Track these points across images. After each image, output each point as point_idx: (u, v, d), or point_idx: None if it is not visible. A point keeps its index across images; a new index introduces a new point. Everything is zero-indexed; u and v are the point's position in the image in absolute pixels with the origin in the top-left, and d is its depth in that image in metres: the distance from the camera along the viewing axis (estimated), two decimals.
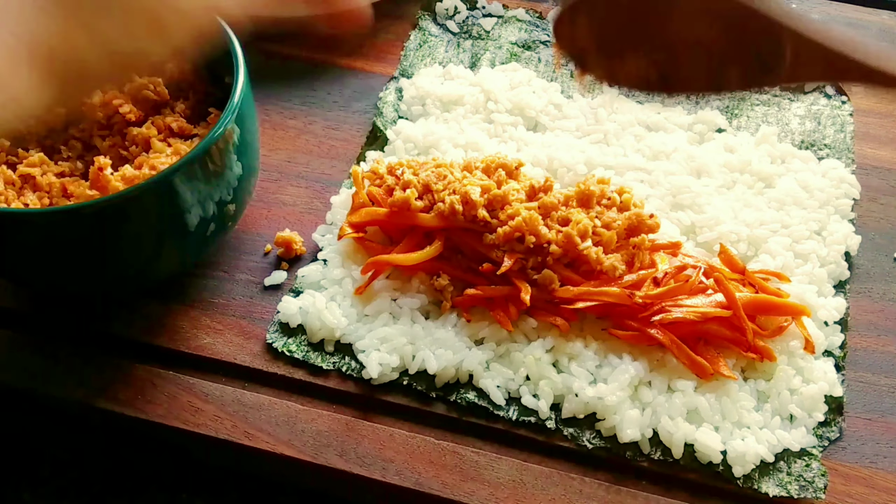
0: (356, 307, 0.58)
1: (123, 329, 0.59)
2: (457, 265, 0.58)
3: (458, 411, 0.55)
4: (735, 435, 0.53)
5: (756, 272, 0.58)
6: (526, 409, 0.54)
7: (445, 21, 0.80)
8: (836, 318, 0.58)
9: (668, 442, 0.53)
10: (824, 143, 0.70)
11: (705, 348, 0.55)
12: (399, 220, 0.59)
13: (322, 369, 0.57)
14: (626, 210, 0.59)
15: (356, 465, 0.52)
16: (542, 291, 0.56)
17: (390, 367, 0.55)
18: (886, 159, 0.70)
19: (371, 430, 0.54)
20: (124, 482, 0.60)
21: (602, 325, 0.57)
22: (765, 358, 0.55)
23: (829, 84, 0.47)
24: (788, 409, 0.54)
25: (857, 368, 0.57)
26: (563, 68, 0.74)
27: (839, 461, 0.53)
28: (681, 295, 0.55)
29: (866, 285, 0.62)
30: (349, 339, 0.57)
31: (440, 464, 0.53)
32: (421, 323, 0.57)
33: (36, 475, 0.60)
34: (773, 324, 0.56)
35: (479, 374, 0.55)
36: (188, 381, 0.56)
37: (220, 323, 0.59)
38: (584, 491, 0.52)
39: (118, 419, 0.55)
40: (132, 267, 0.56)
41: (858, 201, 0.66)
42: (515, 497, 0.51)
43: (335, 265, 0.61)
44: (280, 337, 0.58)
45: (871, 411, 0.56)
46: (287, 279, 0.61)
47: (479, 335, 0.57)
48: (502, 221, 0.57)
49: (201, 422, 0.54)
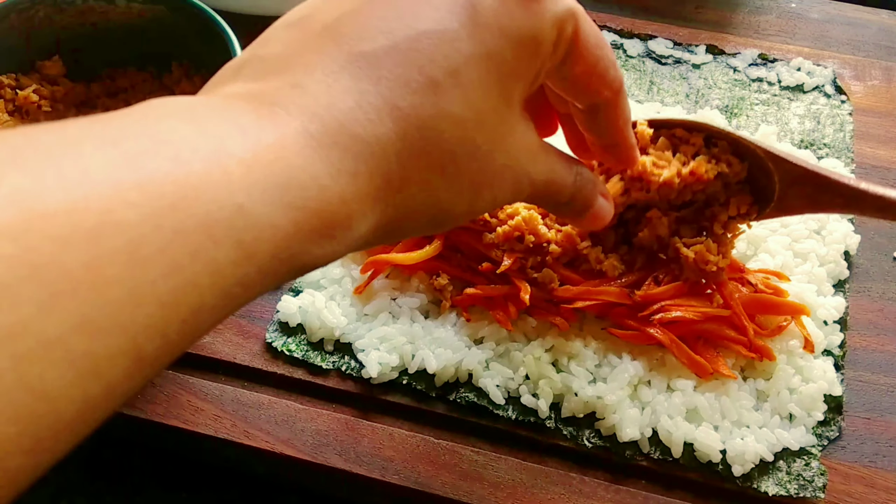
0: (356, 306, 0.58)
1: None
2: (456, 264, 0.58)
3: (458, 411, 0.55)
4: (734, 434, 0.53)
5: (755, 271, 0.58)
6: (525, 409, 0.54)
7: None
8: (835, 318, 0.58)
9: (668, 441, 0.53)
10: (824, 142, 0.70)
11: (705, 347, 0.55)
12: None
13: (321, 368, 0.57)
14: None
15: (355, 464, 0.52)
16: (542, 291, 0.56)
17: (390, 366, 0.55)
18: (886, 158, 0.70)
19: (370, 430, 0.54)
20: (124, 482, 0.60)
21: (601, 324, 0.57)
22: (764, 357, 0.55)
23: (817, 212, 0.53)
24: (788, 409, 0.54)
25: (857, 368, 0.58)
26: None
27: (838, 460, 0.53)
28: (680, 294, 0.55)
29: (866, 284, 0.62)
30: (349, 339, 0.57)
31: (439, 463, 0.53)
32: (420, 322, 0.57)
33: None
34: (773, 323, 0.56)
35: (479, 374, 0.55)
36: (187, 381, 0.56)
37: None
38: (584, 490, 0.52)
39: (118, 418, 0.55)
40: None
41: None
42: (515, 496, 0.51)
43: (334, 264, 0.60)
44: (279, 336, 0.58)
45: (870, 410, 0.56)
46: None
47: (479, 334, 0.57)
48: (501, 221, 0.57)
49: (201, 421, 0.54)
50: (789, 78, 0.75)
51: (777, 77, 0.75)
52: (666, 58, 0.77)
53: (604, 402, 0.53)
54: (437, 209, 0.36)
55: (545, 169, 0.40)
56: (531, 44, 0.35)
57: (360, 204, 0.32)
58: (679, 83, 0.75)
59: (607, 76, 0.40)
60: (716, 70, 0.76)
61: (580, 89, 0.41)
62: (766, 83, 0.75)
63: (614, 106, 0.42)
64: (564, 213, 0.46)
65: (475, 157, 0.35)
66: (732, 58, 0.77)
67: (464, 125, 0.34)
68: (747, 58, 0.77)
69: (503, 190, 0.38)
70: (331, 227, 0.31)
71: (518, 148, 0.38)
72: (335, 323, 0.57)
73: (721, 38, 0.80)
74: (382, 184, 0.32)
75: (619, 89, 0.42)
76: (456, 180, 0.35)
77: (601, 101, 0.42)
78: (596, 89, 0.41)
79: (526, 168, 0.39)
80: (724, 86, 0.75)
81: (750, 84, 0.75)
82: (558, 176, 0.42)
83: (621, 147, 0.46)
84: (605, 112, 0.42)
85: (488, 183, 0.37)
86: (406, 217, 0.35)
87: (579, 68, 0.39)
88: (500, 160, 0.37)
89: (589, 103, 0.42)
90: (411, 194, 0.34)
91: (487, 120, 0.35)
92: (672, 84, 0.75)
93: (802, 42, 0.81)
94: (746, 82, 0.75)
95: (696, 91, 0.74)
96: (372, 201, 0.32)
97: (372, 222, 0.33)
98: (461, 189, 0.36)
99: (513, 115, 0.37)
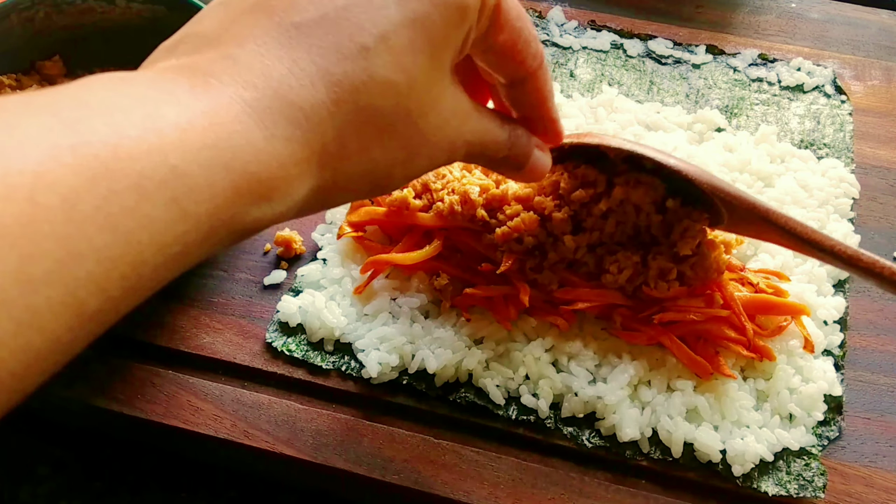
0: (356, 306, 0.58)
1: (123, 328, 0.59)
2: (456, 265, 0.58)
3: (458, 411, 0.55)
4: (734, 434, 0.53)
5: (756, 271, 0.58)
6: (525, 409, 0.54)
7: None
8: (835, 318, 0.58)
9: (668, 441, 0.53)
10: (824, 142, 0.70)
11: (705, 348, 0.55)
12: (398, 219, 0.59)
13: (321, 369, 0.57)
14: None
15: (356, 464, 0.52)
16: (542, 291, 0.56)
17: (390, 366, 0.55)
18: (885, 158, 0.70)
19: (370, 430, 0.54)
20: (124, 481, 0.60)
21: (601, 324, 0.57)
22: (764, 357, 0.55)
23: (760, 240, 0.55)
24: (788, 409, 0.54)
25: (857, 368, 0.58)
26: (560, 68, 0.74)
27: (838, 460, 0.53)
28: (680, 294, 0.55)
29: (865, 285, 0.62)
30: (349, 339, 0.57)
31: (440, 463, 0.53)
32: (420, 322, 0.57)
33: (35, 474, 0.60)
34: (773, 323, 0.56)
35: (479, 374, 0.55)
36: (187, 381, 0.56)
37: (220, 322, 0.59)
38: (584, 490, 0.52)
39: (117, 418, 0.55)
40: None
41: (858, 200, 0.66)
42: (515, 496, 0.51)
43: (335, 264, 0.61)
44: (279, 336, 0.58)
45: (870, 410, 0.56)
46: (286, 278, 0.61)
47: (479, 335, 0.57)
48: (501, 221, 0.57)
49: (201, 421, 0.54)
50: (789, 78, 0.75)
51: (777, 77, 0.75)
52: (666, 58, 0.77)
53: (604, 402, 0.53)
54: (376, 173, 0.37)
55: (479, 128, 0.42)
56: (458, 9, 0.37)
57: (297, 167, 0.33)
58: (679, 83, 0.75)
59: (529, 48, 0.42)
60: (716, 70, 0.76)
61: (504, 61, 0.42)
62: (766, 83, 0.75)
63: (536, 79, 0.44)
64: (503, 170, 0.48)
65: (409, 121, 0.36)
66: (732, 58, 0.77)
67: (396, 89, 0.35)
68: (747, 58, 0.77)
69: (439, 151, 0.40)
70: (269, 190, 0.32)
71: (450, 110, 0.39)
72: (335, 323, 0.57)
73: (721, 38, 0.80)
74: (319, 148, 0.33)
75: (540, 62, 0.43)
76: (392, 144, 0.36)
77: (524, 73, 0.43)
78: (520, 60, 0.42)
79: (459, 129, 0.40)
80: (724, 86, 0.75)
81: (750, 84, 0.75)
82: (492, 134, 0.43)
83: (546, 121, 0.47)
84: (529, 86, 0.44)
85: (424, 145, 0.38)
86: (346, 182, 0.36)
87: (502, 38, 0.40)
88: (433, 122, 0.38)
89: (512, 76, 0.43)
90: (350, 159, 0.35)
91: (419, 84, 0.36)
92: (672, 84, 0.75)
93: (802, 42, 0.81)
94: (746, 82, 0.75)
95: (696, 91, 0.74)
96: (309, 165, 0.33)
97: (311, 186, 0.34)
98: (398, 152, 0.37)
99: (443, 79, 0.38)
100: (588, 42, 0.78)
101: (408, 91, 0.36)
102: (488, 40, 0.40)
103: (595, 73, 0.76)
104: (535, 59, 0.43)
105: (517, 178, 0.50)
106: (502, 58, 0.42)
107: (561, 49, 0.78)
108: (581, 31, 0.80)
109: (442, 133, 0.39)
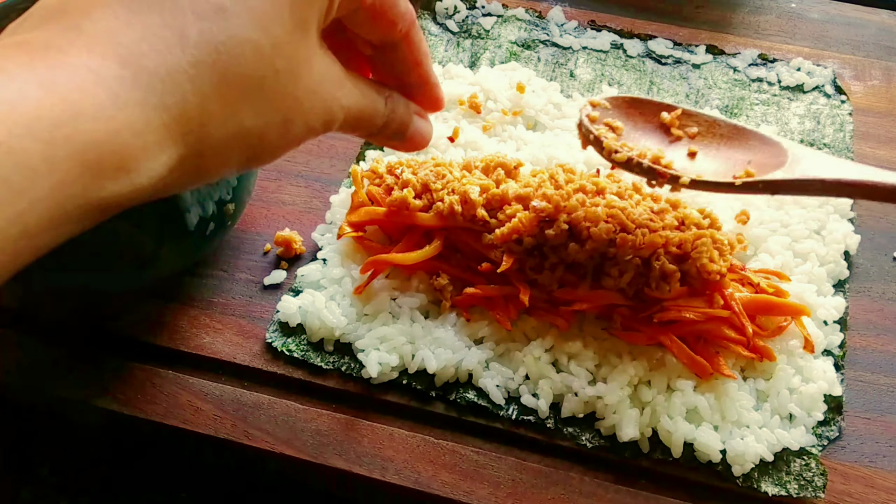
0: (355, 306, 0.58)
1: (123, 328, 0.59)
2: (456, 264, 0.58)
3: (458, 410, 0.55)
4: (734, 434, 0.53)
5: (756, 271, 0.58)
6: (525, 409, 0.54)
7: (445, 20, 0.80)
8: (835, 318, 0.58)
9: (668, 441, 0.53)
10: (824, 142, 0.70)
11: (705, 348, 0.55)
12: (398, 219, 0.59)
13: (321, 369, 0.57)
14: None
15: (356, 464, 0.52)
16: (542, 291, 0.56)
17: (390, 366, 0.55)
18: (885, 158, 0.70)
19: (370, 430, 0.54)
20: (123, 481, 0.60)
21: (601, 324, 0.57)
22: (764, 357, 0.55)
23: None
24: (788, 409, 0.54)
25: (857, 368, 0.58)
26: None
27: (838, 460, 0.53)
28: (680, 295, 0.55)
29: (865, 284, 0.62)
30: (348, 339, 0.57)
31: (440, 463, 0.53)
32: (420, 322, 0.57)
33: (36, 474, 0.60)
34: (773, 323, 0.56)
35: (479, 374, 0.55)
36: (188, 381, 0.56)
37: (220, 322, 0.59)
38: (584, 490, 0.52)
39: (118, 418, 0.55)
40: (132, 266, 0.56)
41: (857, 200, 0.66)
42: (515, 496, 0.51)
43: (334, 264, 0.61)
44: (279, 336, 0.58)
45: (870, 410, 0.56)
46: (286, 278, 0.61)
47: (479, 334, 0.57)
48: (501, 221, 0.57)
49: (201, 421, 0.54)
50: (789, 78, 0.75)
51: (777, 77, 0.75)
52: (666, 58, 0.77)
53: (604, 403, 0.53)
54: (249, 139, 0.36)
55: (355, 94, 0.41)
56: None
57: (154, 134, 0.32)
58: (679, 83, 0.75)
59: (397, 8, 0.41)
60: (716, 70, 0.76)
61: (373, 23, 0.42)
62: (766, 83, 0.75)
63: (409, 41, 0.43)
64: (384, 139, 0.47)
65: (277, 83, 0.35)
66: (732, 58, 0.77)
67: (259, 50, 0.34)
68: (747, 58, 0.77)
69: (315, 117, 0.39)
70: (123, 159, 0.31)
71: (322, 75, 0.38)
72: (335, 323, 0.57)
73: (721, 38, 0.80)
74: (178, 113, 0.32)
75: (411, 23, 0.43)
76: (261, 107, 0.35)
77: (395, 36, 0.43)
78: (389, 20, 0.42)
79: (335, 94, 0.39)
80: (724, 86, 0.75)
81: (750, 84, 0.75)
82: (369, 101, 0.43)
83: (423, 85, 0.47)
84: (402, 48, 0.44)
85: (298, 110, 0.37)
86: (216, 149, 0.35)
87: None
88: (305, 84, 0.37)
89: (383, 38, 0.43)
90: (215, 123, 0.34)
91: (284, 45, 0.35)
92: (672, 84, 0.75)
93: (802, 42, 0.81)
94: (746, 82, 0.75)
95: (696, 91, 0.74)
96: (169, 131, 0.32)
97: (173, 156, 0.33)
98: (269, 117, 0.36)
99: (310, 42, 0.37)
100: (588, 42, 0.78)
101: (272, 51, 0.35)
102: (355, 0, 0.40)
103: (595, 73, 0.76)
104: (405, 18, 0.42)
105: (400, 147, 0.49)
106: (371, 19, 0.41)
107: (561, 49, 0.78)
108: (581, 31, 0.80)
109: (316, 97, 0.38)
